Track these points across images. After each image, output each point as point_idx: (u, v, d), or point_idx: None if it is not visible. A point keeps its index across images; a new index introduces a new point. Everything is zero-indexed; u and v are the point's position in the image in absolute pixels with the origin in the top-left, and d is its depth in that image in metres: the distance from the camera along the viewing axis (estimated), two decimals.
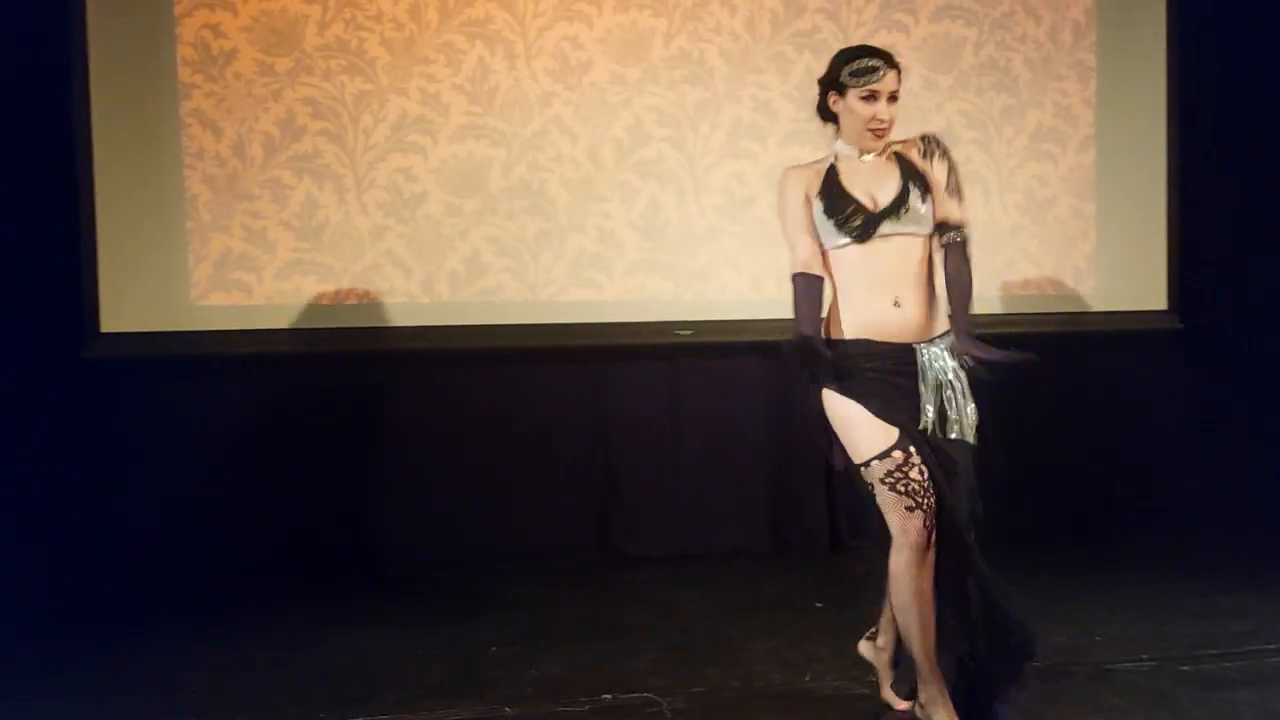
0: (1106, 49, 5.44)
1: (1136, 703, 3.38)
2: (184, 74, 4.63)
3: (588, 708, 3.41)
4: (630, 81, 5.00)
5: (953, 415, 2.96)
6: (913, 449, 2.89)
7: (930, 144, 3.02)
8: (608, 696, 3.47)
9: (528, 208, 4.92)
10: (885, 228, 2.94)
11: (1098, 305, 5.50)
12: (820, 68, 3.09)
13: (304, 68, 4.72)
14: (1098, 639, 3.94)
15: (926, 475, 2.88)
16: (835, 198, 2.95)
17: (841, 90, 2.96)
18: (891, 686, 3.28)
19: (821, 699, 3.46)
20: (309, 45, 4.72)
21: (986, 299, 5.23)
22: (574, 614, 4.34)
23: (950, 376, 2.96)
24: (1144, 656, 3.76)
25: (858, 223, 2.94)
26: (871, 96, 2.92)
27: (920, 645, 2.94)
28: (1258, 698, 3.39)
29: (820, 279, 3.00)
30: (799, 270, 2.98)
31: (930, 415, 2.93)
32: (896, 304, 2.95)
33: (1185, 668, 3.66)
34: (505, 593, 4.55)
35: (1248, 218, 5.79)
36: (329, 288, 4.76)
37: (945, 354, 2.97)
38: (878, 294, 2.94)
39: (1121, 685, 3.52)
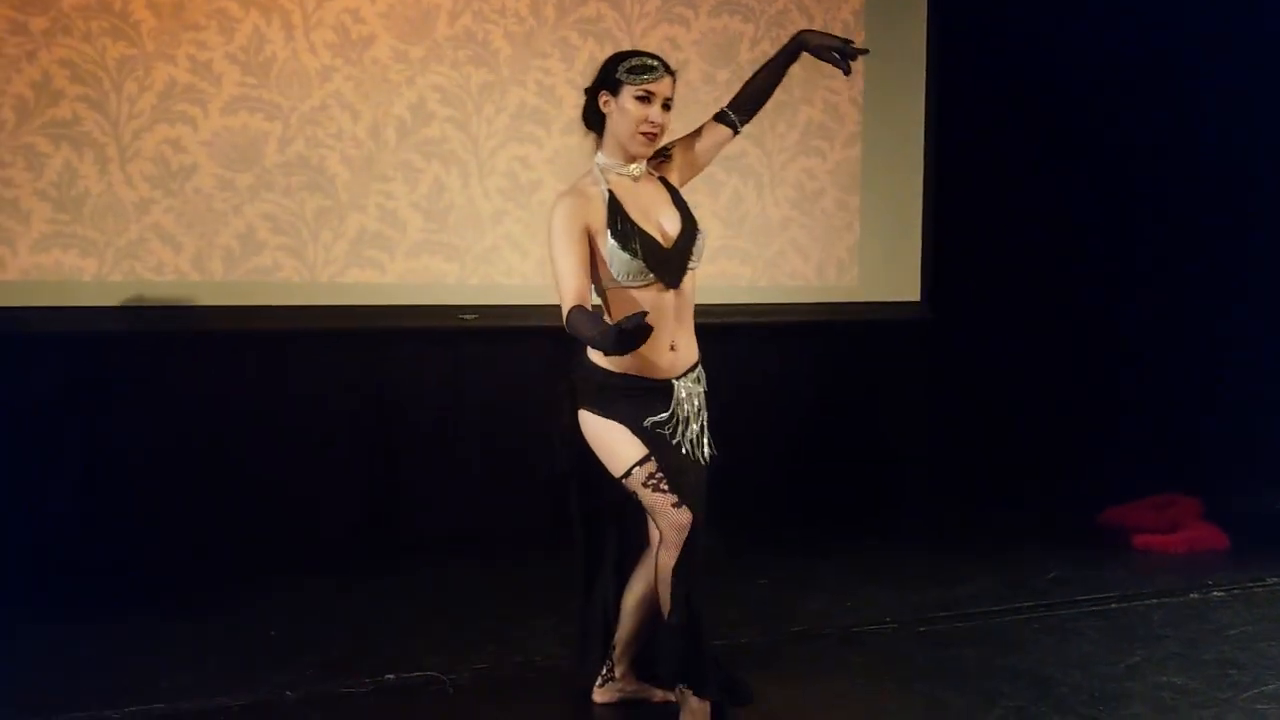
0: (873, 49, 5.69)
1: (879, 662, 3.67)
2: None
3: (371, 688, 3.39)
4: (413, 59, 4.94)
5: (701, 440, 2.98)
6: (661, 460, 2.86)
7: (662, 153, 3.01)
8: (390, 676, 3.46)
9: (306, 184, 4.79)
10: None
11: (859, 296, 5.77)
12: (605, 55, 3.08)
13: (62, 28, 4.44)
14: (847, 605, 4.22)
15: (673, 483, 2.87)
16: (629, 236, 2.81)
17: (615, 88, 2.86)
18: (648, 685, 3.22)
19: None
20: (67, 4, 4.44)
21: (757, 289, 5.46)
22: (355, 596, 4.30)
23: (699, 406, 2.98)
24: (887, 620, 4.03)
25: (661, 262, 2.83)
26: (647, 97, 2.83)
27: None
28: (981, 653, 3.74)
29: (599, 310, 2.80)
30: (576, 304, 2.69)
31: (689, 439, 2.94)
32: (672, 348, 2.91)
33: (922, 629, 3.97)
34: (283, 578, 4.44)
35: (998, 215, 6.22)
36: (91, 262, 4.50)
37: (696, 384, 2.99)
38: (660, 339, 2.83)
39: (867, 646, 3.80)
